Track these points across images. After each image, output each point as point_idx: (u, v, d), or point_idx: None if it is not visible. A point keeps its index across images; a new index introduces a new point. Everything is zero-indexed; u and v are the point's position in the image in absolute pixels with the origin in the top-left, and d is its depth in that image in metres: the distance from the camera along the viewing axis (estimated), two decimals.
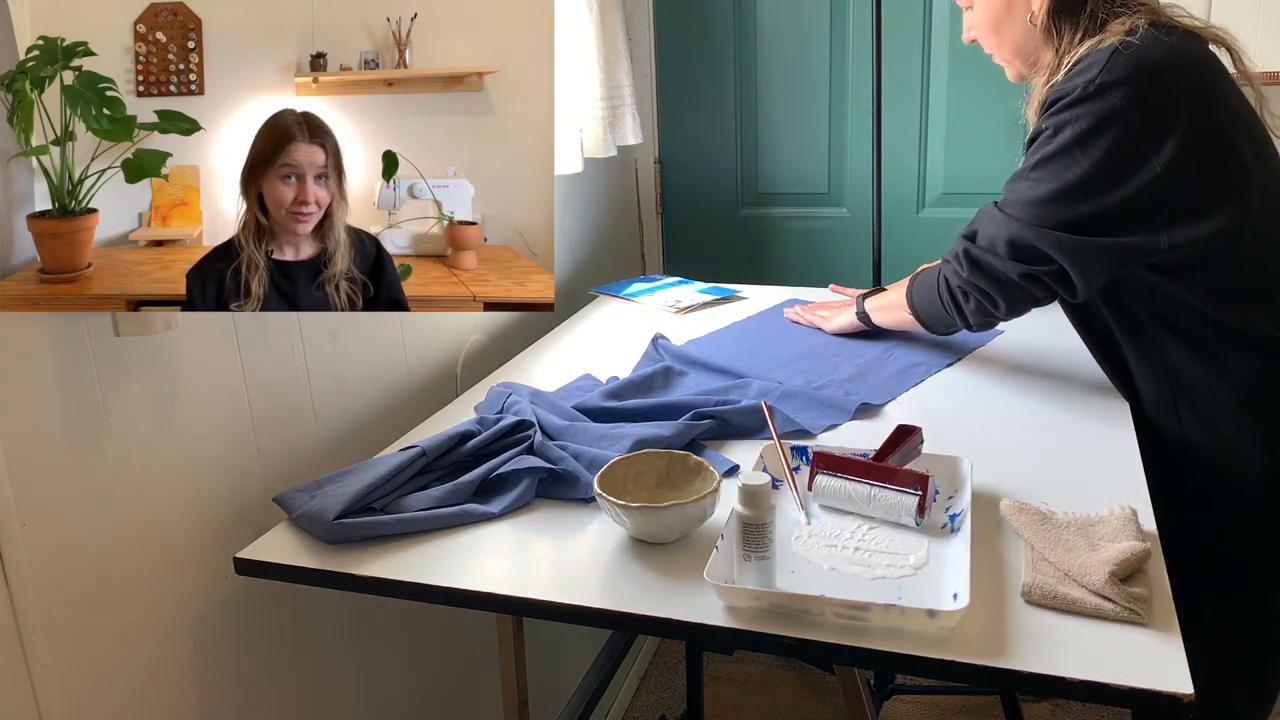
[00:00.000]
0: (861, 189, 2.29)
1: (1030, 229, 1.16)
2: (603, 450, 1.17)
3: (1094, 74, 1.11)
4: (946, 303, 1.31)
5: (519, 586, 0.96)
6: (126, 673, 1.02)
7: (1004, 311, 1.25)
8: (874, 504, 1.03)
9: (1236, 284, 1.15)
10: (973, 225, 1.27)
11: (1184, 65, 1.12)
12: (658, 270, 2.50)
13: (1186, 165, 1.10)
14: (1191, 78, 1.12)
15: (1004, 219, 1.20)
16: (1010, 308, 1.24)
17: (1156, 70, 1.11)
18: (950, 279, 1.29)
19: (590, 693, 1.60)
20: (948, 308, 1.31)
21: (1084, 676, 0.79)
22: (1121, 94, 1.10)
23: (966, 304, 1.28)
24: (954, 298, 1.29)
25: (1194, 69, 1.13)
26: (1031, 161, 1.18)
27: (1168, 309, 1.18)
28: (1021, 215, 1.17)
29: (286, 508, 1.09)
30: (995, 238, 1.21)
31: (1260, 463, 1.18)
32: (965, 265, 1.25)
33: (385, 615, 1.43)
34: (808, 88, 2.28)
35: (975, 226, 1.26)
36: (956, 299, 1.29)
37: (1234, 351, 1.16)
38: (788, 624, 0.87)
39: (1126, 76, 1.10)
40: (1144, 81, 1.10)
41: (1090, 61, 1.14)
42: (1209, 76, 1.14)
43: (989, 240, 1.22)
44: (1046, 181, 1.15)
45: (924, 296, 1.38)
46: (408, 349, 1.47)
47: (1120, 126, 1.10)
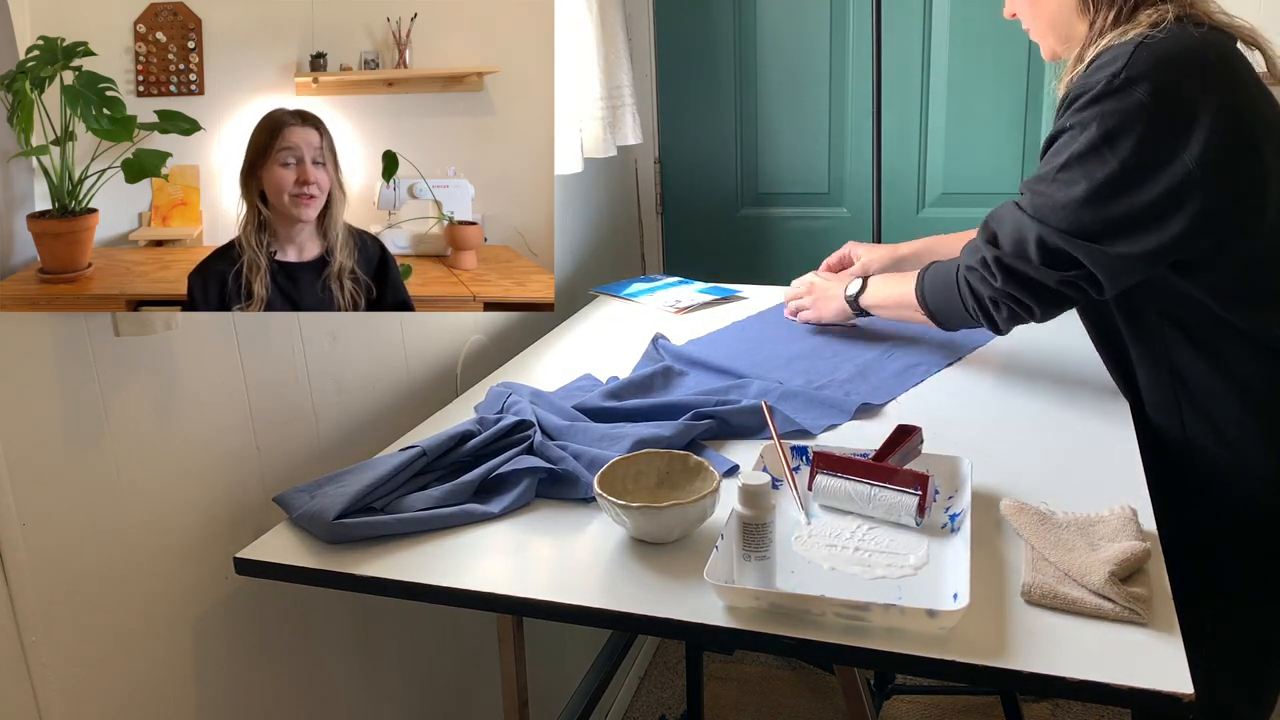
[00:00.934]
0: (861, 189, 2.29)
1: (1061, 235, 1.14)
2: (603, 450, 1.17)
3: (1118, 68, 1.09)
4: (973, 310, 1.27)
5: (519, 586, 0.96)
6: (126, 673, 1.02)
7: (1039, 316, 1.23)
8: (874, 504, 1.03)
9: (1250, 285, 1.14)
10: (991, 228, 1.23)
11: (1209, 61, 1.10)
12: (658, 270, 2.50)
13: (1215, 161, 1.08)
14: (1216, 73, 1.10)
15: (1031, 223, 1.16)
16: (1045, 313, 1.22)
17: (1180, 65, 1.09)
18: (979, 288, 1.25)
19: (590, 693, 1.60)
20: (973, 314, 1.28)
21: (1084, 676, 0.79)
22: (1145, 89, 1.08)
23: (999, 313, 1.25)
24: (983, 306, 1.26)
25: (1219, 65, 1.11)
26: (1058, 162, 1.14)
27: (1177, 307, 1.18)
28: (1052, 220, 1.15)
29: (286, 508, 1.09)
30: (1025, 242, 1.17)
31: (1264, 464, 1.18)
32: (999, 274, 1.20)
33: (385, 615, 1.43)
34: (808, 88, 2.28)
35: (996, 229, 1.22)
36: (987, 308, 1.25)
37: (1241, 353, 1.16)
38: (788, 624, 0.87)
39: (1149, 71, 1.08)
40: (1168, 76, 1.08)
41: (1113, 55, 1.12)
42: (1234, 73, 1.12)
43: (1017, 246, 1.19)
44: (1076, 183, 1.12)
45: (941, 299, 1.34)
46: (408, 349, 1.47)
47: (1146, 122, 1.08)
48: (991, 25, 2.11)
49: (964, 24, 2.14)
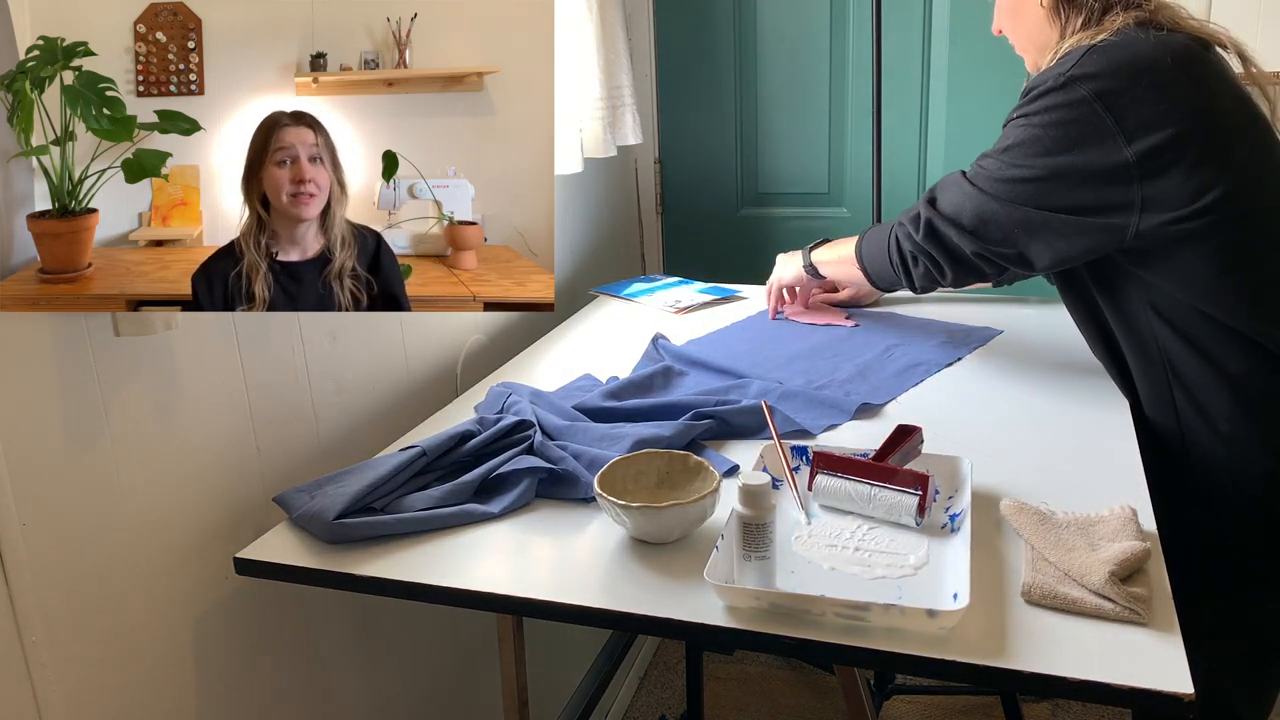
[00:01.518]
0: (861, 189, 2.29)
1: (999, 203, 1.20)
2: (603, 450, 1.17)
3: (1066, 67, 1.15)
4: (895, 263, 1.35)
5: (519, 586, 0.96)
6: (126, 673, 1.02)
7: (950, 281, 1.30)
8: (874, 504, 1.03)
9: (1220, 283, 1.15)
10: (934, 192, 1.29)
11: (1162, 64, 1.13)
12: (658, 270, 2.50)
13: (1161, 158, 1.10)
14: (1170, 76, 1.12)
15: (973, 192, 1.23)
16: (957, 280, 1.30)
17: (1129, 67, 1.12)
18: (903, 241, 1.32)
19: (590, 693, 1.60)
20: (895, 268, 1.36)
21: (1084, 676, 0.79)
22: (1089, 87, 1.13)
23: (915, 268, 1.33)
24: (904, 259, 1.34)
25: (1173, 68, 1.13)
26: (1002, 145, 1.21)
27: (1159, 301, 1.18)
28: (990, 190, 1.21)
29: (286, 508, 1.09)
30: (960, 209, 1.24)
31: (1261, 462, 1.18)
32: (922, 231, 1.28)
33: (385, 615, 1.43)
34: (808, 88, 2.28)
35: (938, 194, 1.28)
36: (906, 261, 1.33)
37: (1230, 349, 1.16)
38: (788, 624, 0.87)
39: (1097, 71, 1.13)
40: (1115, 77, 1.12)
41: (1068, 54, 1.17)
42: (1189, 76, 1.14)
43: (954, 210, 1.25)
44: (1015, 166, 1.18)
45: (873, 253, 1.42)
46: (408, 349, 1.47)
47: (1085, 118, 1.13)
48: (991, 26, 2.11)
49: (964, 24, 2.14)
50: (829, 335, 1.62)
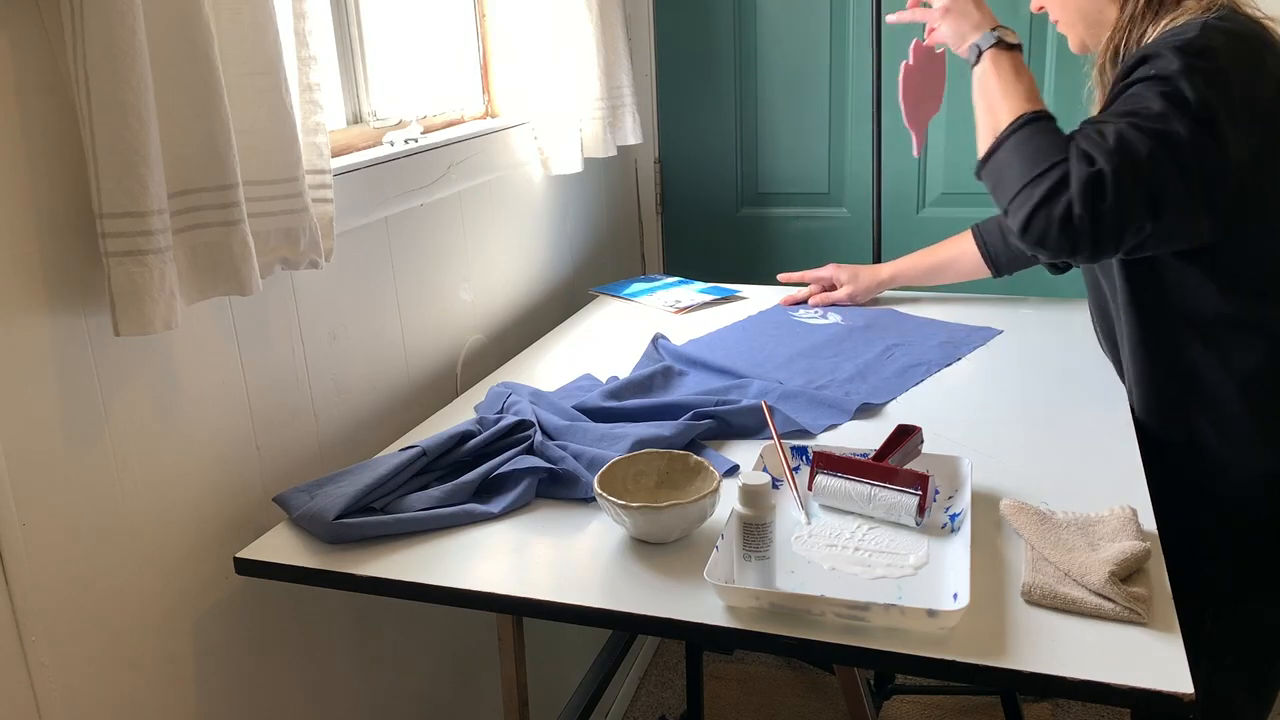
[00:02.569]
0: (861, 189, 2.29)
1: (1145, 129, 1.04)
2: (603, 450, 1.17)
3: (1191, 35, 1.09)
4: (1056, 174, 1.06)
5: (519, 586, 0.96)
6: (126, 673, 1.02)
7: (1138, 217, 1.04)
8: (874, 504, 1.03)
9: (1258, 275, 1.15)
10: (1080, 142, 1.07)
11: (1270, 50, 1.13)
12: (658, 270, 2.50)
13: (1260, 144, 1.09)
14: (1272, 63, 1.13)
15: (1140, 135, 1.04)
16: (1140, 220, 1.05)
17: (1252, 45, 1.11)
18: (1093, 152, 1.04)
19: (590, 693, 1.60)
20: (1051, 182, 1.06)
21: (1084, 676, 0.79)
22: (1224, 56, 1.08)
23: (1092, 191, 1.03)
24: (1082, 175, 1.03)
25: (1274, 55, 1.13)
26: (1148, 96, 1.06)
27: (1181, 301, 1.18)
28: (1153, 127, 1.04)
29: (286, 508, 1.09)
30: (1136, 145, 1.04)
31: (1263, 462, 1.18)
32: (1119, 156, 1.03)
33: (385, 615, 1.43)
34: (808, 88, 2.28)
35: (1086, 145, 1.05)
36: (1084, 176, 1.03)
37: (1244, 348, 1.16)
38: (788, 624, 0.87)
39: (1226, 43, 1.08)
40: (1240, 51, 1.09)
41: (1184, 26, 1.12)
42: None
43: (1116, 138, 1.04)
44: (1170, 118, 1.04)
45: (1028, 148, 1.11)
46: (408, 349, 1.47)
47: (1221, 83, 1.06)
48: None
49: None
50: (829, 335, 1.62)
